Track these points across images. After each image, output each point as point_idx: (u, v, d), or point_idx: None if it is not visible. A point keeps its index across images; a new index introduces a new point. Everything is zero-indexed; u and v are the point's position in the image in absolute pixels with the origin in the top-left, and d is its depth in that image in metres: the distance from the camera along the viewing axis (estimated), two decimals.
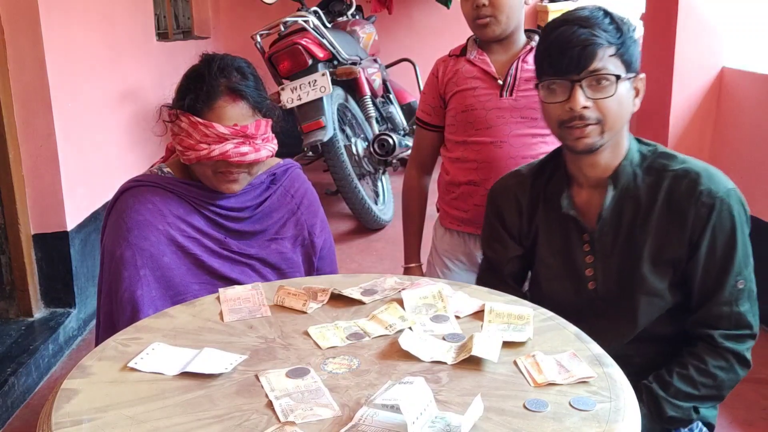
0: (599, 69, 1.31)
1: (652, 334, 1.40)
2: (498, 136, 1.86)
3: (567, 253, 1.46)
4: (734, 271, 1.33)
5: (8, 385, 2.30)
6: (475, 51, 1.92)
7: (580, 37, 1.31)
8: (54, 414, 0.94)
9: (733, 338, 1.34)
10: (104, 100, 3.39)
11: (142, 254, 1.47)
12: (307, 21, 3.88)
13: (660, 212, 1.37)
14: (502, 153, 1.86)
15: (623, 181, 1.39)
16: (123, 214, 1.51)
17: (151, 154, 4.12)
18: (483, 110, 1.87)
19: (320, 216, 1.72)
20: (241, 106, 1.49)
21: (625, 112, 1.36)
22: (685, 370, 1.34)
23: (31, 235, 2.72)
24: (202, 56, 1.57)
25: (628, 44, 1.34)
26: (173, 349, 1.12)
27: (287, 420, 0.91)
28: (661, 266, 1.37)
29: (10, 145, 2.58)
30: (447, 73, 1.94)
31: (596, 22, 1.32)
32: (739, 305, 1.34)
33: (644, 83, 1.40)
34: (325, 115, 3.65)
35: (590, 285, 1.44)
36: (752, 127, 2.73)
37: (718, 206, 1.33)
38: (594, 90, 1.32)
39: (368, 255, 3.67)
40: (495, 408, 0.94)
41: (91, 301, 3.00)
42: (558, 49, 1.33)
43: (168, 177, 1.57)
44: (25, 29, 2.57)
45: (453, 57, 1.96)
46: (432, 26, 5.78)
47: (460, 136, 1.92)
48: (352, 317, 1.22)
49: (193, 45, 5.29)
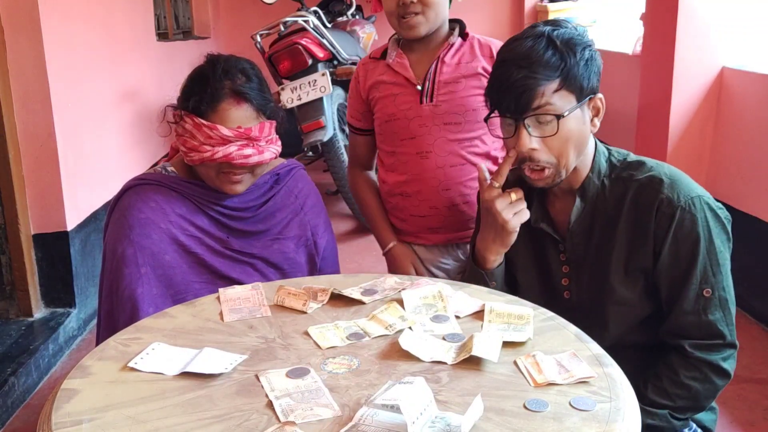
0: (542, 106, 1.29)
1: (628, 342, 1.40)
2: (422, 146, 1.77)
3: (544, 263, 1.46)
4: (697, 280, 1.30)
5: (8, 385, 2.30)
6: (395, 53, 1.81)
7: (518, 79, 1.29)
8: (54, 414, 0.94)
9: (704, 348, 1.31)
10: (104, 100, 3.39)
11: (144, 252, 1.47)
12: (307, 21, 3.88)
13: (626, 222, 1.36)
14: (429, 163, 1.77)
15: (590, 193, 1.39)
16: (125, 212, 1.51)
17: (152, 154, 4.12)
18: (405, 119, 1.77)
19: (324, 217, 1.72)
20: (245, 109, 1.49)
21: (580, 141, 1.34)
22: (659, 382, 1.32)
23: (31, 235, 2.72)
24: (207, 57, 1.57)
25: (575, 71, 1.30)
26: (173, 349, 1.12)
27: (287, 420, 0.91)
28: (631, 276, 1.36)
29: (10, 145, 2.58)
30: (368, 77, 1.85)
31: (535, 58, 1.29)
32: (708, 314, 1.31)
33: (603, 102, 1.37)
34: (325, 115, 3.66)
35: (566, 294, 1.44)
36: (752, 127, 2.73)
37: (679, 215, 1.30)
38: (538, 128, 1.31)
39: (368, 255, 3.67)
40: (495, 408, 0.94)
41: (91, 301, 3.00)
42: (499, 91, 1.33)
43: (172, 176, 1.57)
44: (25, 29, 2.57)
45: (374, 60, 1.86)
46: None
47: (388, 145, 1.84)
48: (352, 317, 1.22)
49: (193, 45, 5.29)
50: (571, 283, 1.44)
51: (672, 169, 1.37)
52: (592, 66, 1.34)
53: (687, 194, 1.31)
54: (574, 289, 1.43)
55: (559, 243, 1.43)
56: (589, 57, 1.33)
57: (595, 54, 1.35)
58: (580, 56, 1.31)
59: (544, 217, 1.45)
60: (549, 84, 1.29)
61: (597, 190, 1.39)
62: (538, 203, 1.45)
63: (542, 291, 1.46)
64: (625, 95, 3.72)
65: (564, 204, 1.43)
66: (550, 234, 1.44)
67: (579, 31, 1.35)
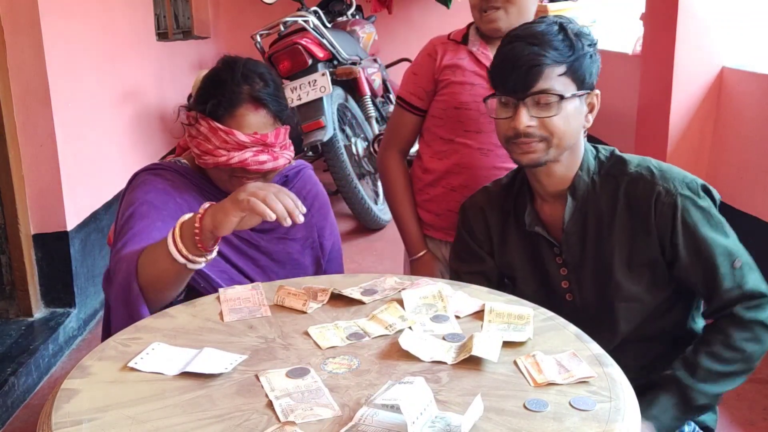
0: (545, 89, 1.30)
1: (638, 336, 1.40)
2: (486, 143, 1.74)
3: (542, 268, 1.46)
4: (724, 257, 1.32)
5: (8, 385, 2.30)
6: (478, 42, 1.77)
7: (527, 56, 1.30)
8: (54, 414, 0.94)
9: (753, 308, 1.32)
10: (104, 100, 3.39)
11: (160, 214, 1.44)
12: (307, 21, 3.88)
13: (622, 218, 1.36)
14: (488, 161, 1.75)
15: (581, 192, 1.40)
16: (143, 185, 1.48)
17: (152, 153, 4.12)
18: (477, 111, 1.73)
19: (330, 219, 1.71)
20: (262, 115, 1.48)
21: (574, 128, 1.35)
22: (712, 347, 1.31)
23: (31, 235, 2.72)
24: (224, 59, 1.54)
25: (581, 61, 1.33)
26: (173, 349, 1.12)
27: (287, 420, 0.91)
28: (635, 270, 1.37)
29: (10, 145, 2.58)
30: (446, 57, 1.77)
31: (547, 39, 1.31)
32: (747, 282, 1.32)
33: (599, 99, 1.39)
34: (325, 115, 3.66)
35: (568, 297, 1.44)
36: (752, 127, 2.73)
37: (681, 203, 1.32)
38: (538, 109, 1.32)
39: (368, 255, 3.68)
40: (495, 408, 0.94)
41: (91, 301, 3.00)
42: (506, 67, 1.33)
43: (186, 166, 1.57)
44: (25, 29, 2.57)
45: (453, 42, 1.80)
46: (432, 26, 5.77)
47: (447, 132, 1.78)
48: (352, 317, 1.22)
49: (193, 45, 5.29)
50: (571, 286, 1.44)
51: (657, 161, 1.39)
52: (594, 62, 1.37)
53: (681, 180, 1.34)
54: (575, 291, 1.43)
55: (555, 246, 1.43)
56: (593, 53, 1.36)
57: (597, 54, 1.39)
58: (586, 50, 1.34)
59: (538, 222, 1.44)
60: (556, 67, 1.31)
61: (587, 188, 1.40)
62: (530, 208, 1.45)
63: (544, 298, 1.44)
64: (625, 95, 3.72)
65: (555, 207, 1.43)
66: (546, 238, 1.43)
67: (586, 29, 1.38)
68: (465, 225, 1.56)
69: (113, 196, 3.32)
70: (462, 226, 1.57)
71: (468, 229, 1.55)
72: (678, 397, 1.31)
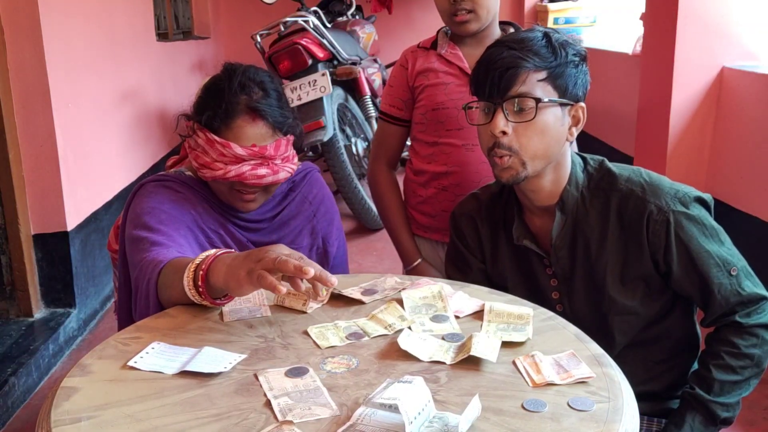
0: (522, 92, 1.28)
1: (638, 341, 1.40)
2: (470, 138, 1.75)
3: (533, 279, 1.46)
4: (720, 267, 1.31)
5: (8, 385, 2.30)
6: (447, 45, 1.80)
7: (504, 58, 1.29)
8: (53, 412, 0.94)
9: (754, 313, 1.32)
10: (104, 100, 3.39)
11: (180, 222, 1.41)
12: (307, 21, 3.88)
13: (614, 233, 1.35)
14: (474, 156, 1.76)
15: (570, 206, 1.38)
16: (155, 195, 1.44)
17: (152, 153, 4.13)
18: (455, 109, 1.75)
19: (336, 224, 1.68)
20: (260, 126, 1.43)
21: (553, 140, 1.32)
22: (722, 360, 1.32)
23: (31, 235, 2.72)
24: (224, 66, 1.49)
25: (563, 69, 1.30)
26: (173, 348, 1.12)
27: (285, 419, 0.91)
28: (629, 285, 1.36)
29: (10, 145, 2.58)
30: (417, 64, 1.82)
31: (529, 44, 1.29)
32: (744, 287, 1.32)
33: (585, 113, 1.36)
34: (325, 115, 3.66)
35: (558, 307, 1.43)
36: (752, 127, 2.73)
37: (673, 219, 1.30)
38: (515, 115, 1.30)
39: (368, 255, 3.68)
40: (493, 408, 0.94)
41: (91, 301, 3.00)
42: (483, 70, 1.32)
43: (191, 178, 1.53)
44: (25, 29, 2.58)
45: (422, 49, 1.85)
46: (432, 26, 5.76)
47: (430, 136, 1.81)
48: (352, 317, 1.22)
49: (193, 45, 5.29)
50: (562, 297, 1.43)
51: (647, 173, 1.37)
52: (580, 74, 1.33)
53: (672, 195, 1.32)
54: (565, 302, 1.43)
55: (544, 258, 1.43)
56: (579, 64, 1.33)
57: (586, 67, 1.35)
58: (571, 59, 1.32)
59: (527, 234, 1.43)
60: (535, 73, 1.29)
61: (576, 202, 1.38)
62: (518, 221, 1.44)
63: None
64: (625, 95, 3.71)
65: (543, 220, 1.42)
66: (534, 250, 1.43)
67: (576, 42, 1.36)
68: (457, 234, 1.55)
69: (113, 196, 3.32)
70: (454, 235, 1.56)
71: (460, 238, 1.54)
72: (702, 414, 1.32)
